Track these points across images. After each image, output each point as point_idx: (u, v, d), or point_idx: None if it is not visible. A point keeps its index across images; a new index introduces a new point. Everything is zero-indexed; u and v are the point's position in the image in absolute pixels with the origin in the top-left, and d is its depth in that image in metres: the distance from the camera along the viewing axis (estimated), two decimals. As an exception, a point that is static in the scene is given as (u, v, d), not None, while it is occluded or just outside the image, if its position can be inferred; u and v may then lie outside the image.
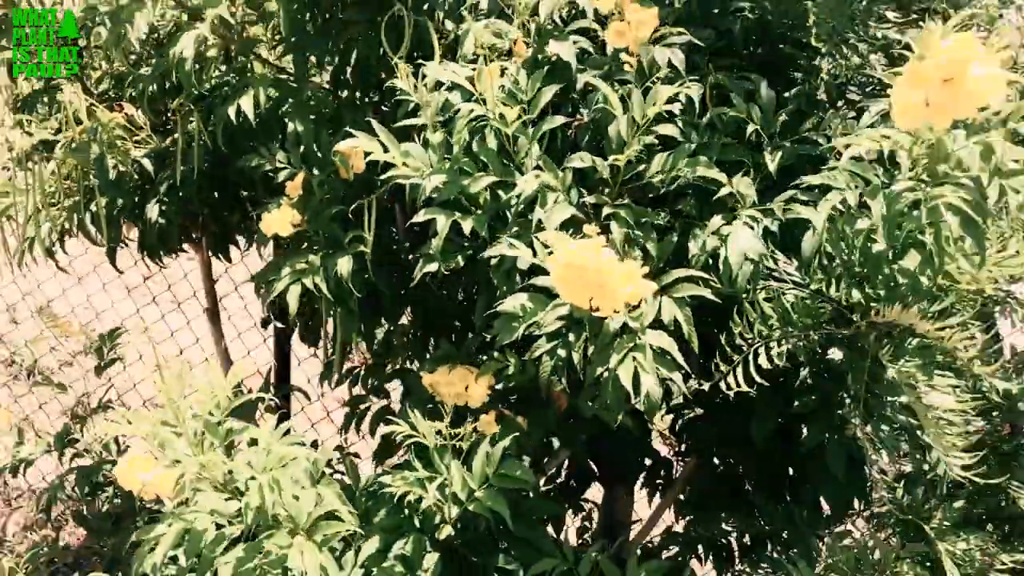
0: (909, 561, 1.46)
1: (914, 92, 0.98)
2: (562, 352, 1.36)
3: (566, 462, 2.09)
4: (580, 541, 2.23)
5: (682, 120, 1.44)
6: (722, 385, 1.26)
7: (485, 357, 1.61)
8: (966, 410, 1.33)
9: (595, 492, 2.14)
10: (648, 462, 2.02)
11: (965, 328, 1.21)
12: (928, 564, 1.48)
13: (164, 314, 3.26)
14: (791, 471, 1.72)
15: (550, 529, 1.88)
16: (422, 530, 1.52)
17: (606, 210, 1.38)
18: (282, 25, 1.64)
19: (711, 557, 1.95)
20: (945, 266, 1.27)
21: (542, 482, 2.06)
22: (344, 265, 1.58)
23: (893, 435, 1.28)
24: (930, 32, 0.97)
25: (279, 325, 2.43)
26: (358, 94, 1.81)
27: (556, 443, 1.88)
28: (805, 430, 1.50)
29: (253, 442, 1.40)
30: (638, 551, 1.99)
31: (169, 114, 1.83)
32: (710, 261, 1.36)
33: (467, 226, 1.40)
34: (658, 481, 2.04)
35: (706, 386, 1.32)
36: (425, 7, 1.61)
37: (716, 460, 1.88)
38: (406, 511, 1.56)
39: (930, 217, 1.12)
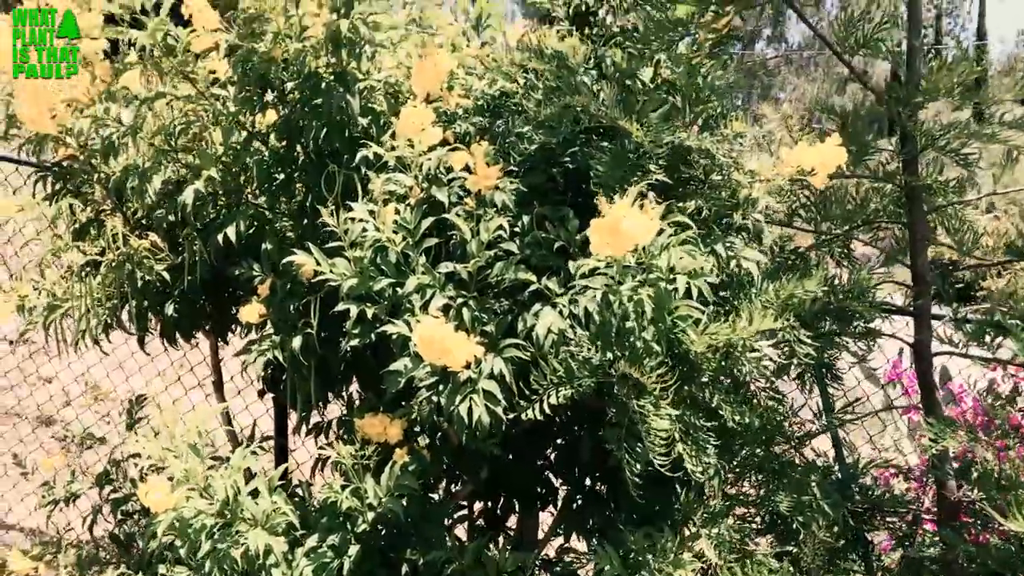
0: (686, 546, 2.08)
1: (597, 235, 1.66)
2: (434, 398, 2.03)
3: (502, 500, 2.72)
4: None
5: (519, 238, 2.14)
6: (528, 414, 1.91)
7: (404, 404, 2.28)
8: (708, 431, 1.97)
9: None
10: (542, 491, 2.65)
11: (671, 377, 1.85)
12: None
13: (188, 390, 3.98)
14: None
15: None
16: (347, 528, 2.17)
17: (459, 300, 2.06)
18: (256, 179, 2.38)
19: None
20: (678, 336, 1.94)
21: (476, 512, 2.71)
22: (296, 342, 2.27)
23: (645, 451, 1.91)
24: (603, 201, 1.66)
25: (272, 395, 3.12)
26: (315, 221, 2.52)
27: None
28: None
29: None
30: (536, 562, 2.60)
31: (180, 238, 2.55)
32: (530, 334, 2.02)
33: (370, 312, 2.09)
34: (550, 505, 2.65)
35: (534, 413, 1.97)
36: (352, 165, 2.31)
37: (584, 483, 2.50)
38: (340, 517, 2.21)
39: (637, 306, 1.78)
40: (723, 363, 2.05)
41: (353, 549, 2.13)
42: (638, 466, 1.91)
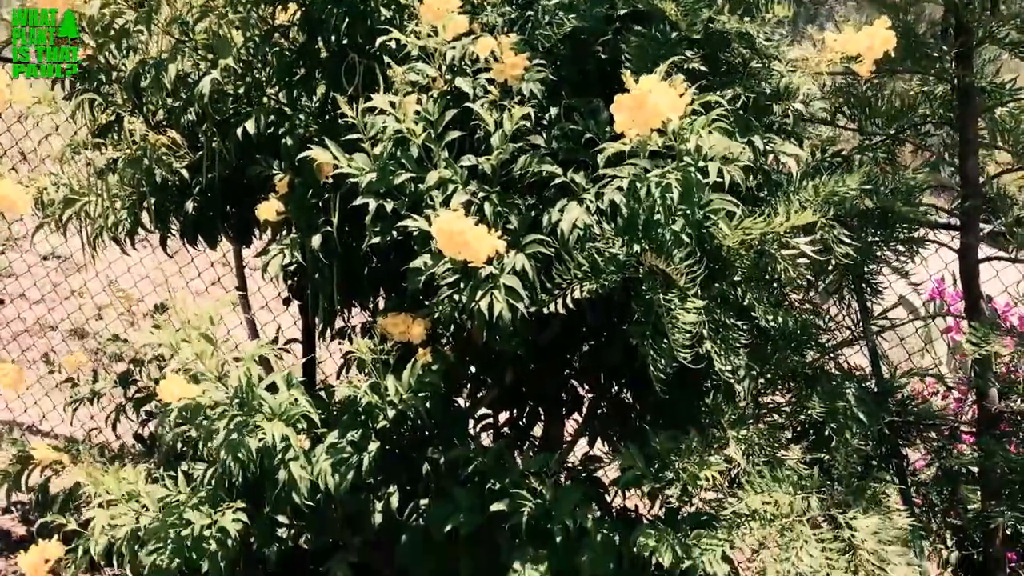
0: (713, 450, 2.02)
1: (622, 112, 1.56)
2: (456, 296, 1.97)
3: (527, 408, 2.67)
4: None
5: (546, 132, 2.05)
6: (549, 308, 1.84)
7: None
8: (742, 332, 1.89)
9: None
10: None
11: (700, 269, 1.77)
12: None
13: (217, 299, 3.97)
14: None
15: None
16: (367, 425, 2.13)
17: (481, 195, 1.98)
18: (276, 75, 2.30)
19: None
20: (708, 229, 1.85)
21: (502, 421, 2.67)
22: (316, 241, 2.22)
23: (671, 347, 1.83)
24: (628, 76, 1.56)
25: (299, 303, 3.08)
26: (337, 119, 2.44)
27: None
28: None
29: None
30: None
31: (199, 135, 2.48)
32: (555, 229, 1.94)
33: (389, 207, 2.02)
34: (574, 412, 2.61)
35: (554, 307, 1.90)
36: (374, 53, 2.22)
37: (610, 389, 2.45)
38: (361, 414, 2.18)
39: (665, 192, 1.69)
40: (757, 261, 1.96)
41: (373, 446, 2.10)
42: (662, 362, 1.84)
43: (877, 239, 2.37)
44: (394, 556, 2.25)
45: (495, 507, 2.06)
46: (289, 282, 2.72)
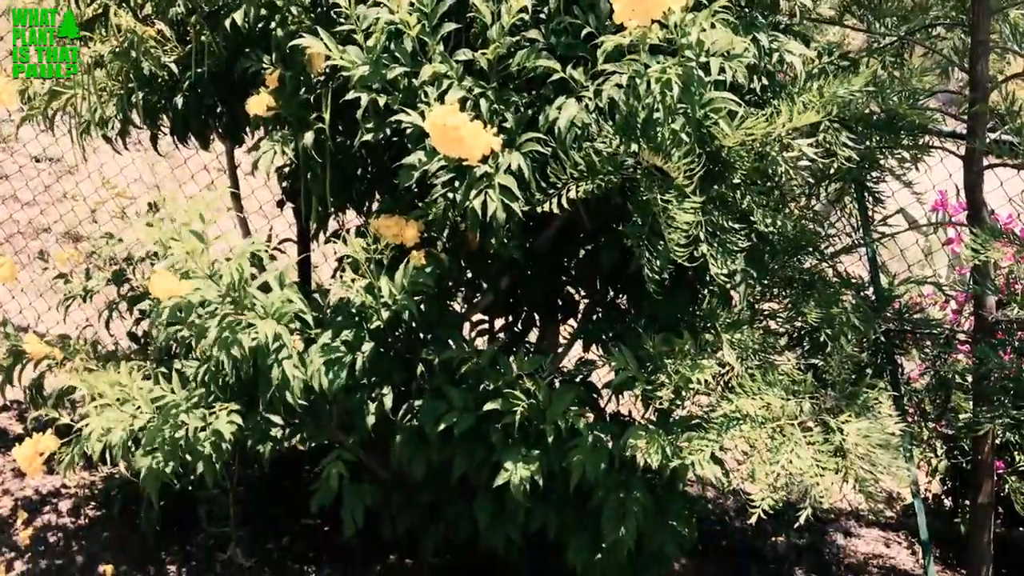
0: (707, 354, 2.01)
1: (622, 1, 1.50)
2: (450, 195, 1.93)
3: (523, 314, 2.66)
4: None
5: (544, 26, 1.98)
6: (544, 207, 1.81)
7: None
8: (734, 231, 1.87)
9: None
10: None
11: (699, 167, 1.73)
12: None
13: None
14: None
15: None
16: (361, 326, 2.12)
17: (477, 91, 1.92)
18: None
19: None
20: (709, 129, 1.80)
21: (498, 326, 2.66)
22: (308, 137, 2.17)
23: (666, 248, 1.80)
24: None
25: (292, 206, 3.04)
26: (330, 12, 2.36)
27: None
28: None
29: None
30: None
31: (188, 28, 2.40)
32: (552, 128, 1.89)
33: (382, 102, 1.97)
34: (569, 318, 2.60)
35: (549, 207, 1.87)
36: (366, -56, 2.13)
37: (605, 295, 2.44)
38: (355, 316, 2.17)
39: (665, 88, 1.64)
40: (758, 164, 1.92)
41: (367, 346, 2.09)
42: (658, 264, 1.81)
43: (881, 145, 2.32)
44: (389, 456, 2.27)
45: (488, 407, 2.07)
46: (284, 184, 2.69)
